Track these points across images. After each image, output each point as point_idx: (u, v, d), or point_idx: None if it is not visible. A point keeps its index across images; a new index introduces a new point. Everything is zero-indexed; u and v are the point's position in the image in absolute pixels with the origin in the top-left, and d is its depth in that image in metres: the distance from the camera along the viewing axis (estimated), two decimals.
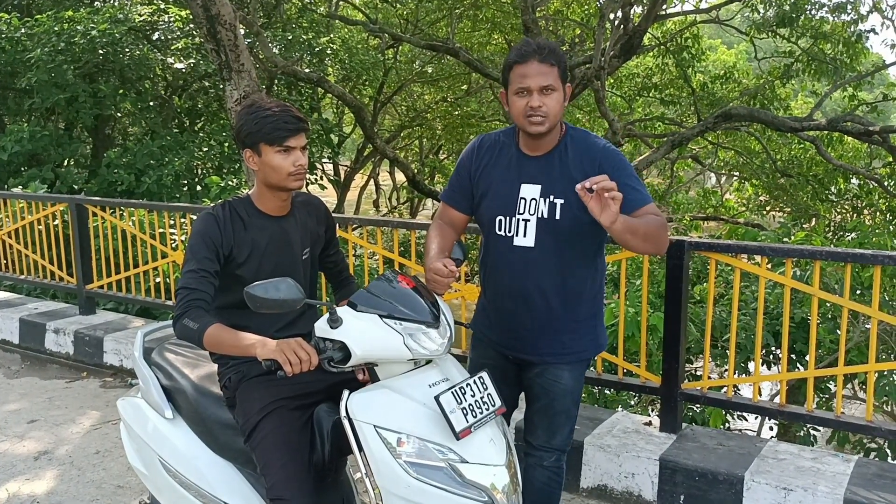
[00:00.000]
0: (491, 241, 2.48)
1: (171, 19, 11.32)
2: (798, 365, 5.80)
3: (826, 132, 11.56)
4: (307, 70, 12.10)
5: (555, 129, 2.36)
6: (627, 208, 2.21)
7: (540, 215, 2.35)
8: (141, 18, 10.99)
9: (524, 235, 2.37)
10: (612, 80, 14.08)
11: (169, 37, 12.04)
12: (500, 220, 2.41)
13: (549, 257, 2.37)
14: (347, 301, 2.06)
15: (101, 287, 5.74)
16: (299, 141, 2.28)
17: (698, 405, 5.25)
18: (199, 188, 10.89)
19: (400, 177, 21.22)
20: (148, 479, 2.63)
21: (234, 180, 9.82)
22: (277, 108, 2.26)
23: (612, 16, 10.92)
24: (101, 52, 10.25)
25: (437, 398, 1.95)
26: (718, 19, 13.10)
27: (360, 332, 2.00)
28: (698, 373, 6.37)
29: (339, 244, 2.75)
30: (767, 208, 15.21)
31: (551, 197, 2.34)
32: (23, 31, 10.13)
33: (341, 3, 14.84)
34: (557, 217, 2.34)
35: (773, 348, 6.03)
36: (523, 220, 2.37)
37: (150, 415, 2.59)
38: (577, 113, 16.64)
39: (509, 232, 2.40)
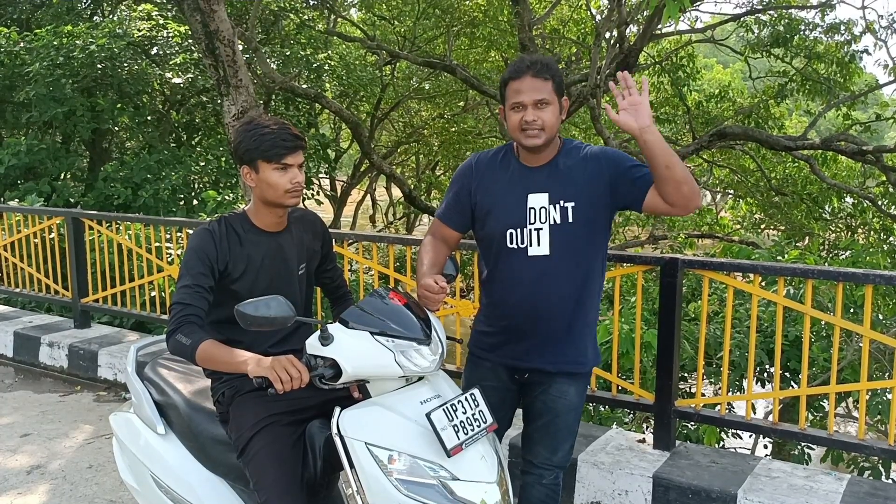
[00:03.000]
0: (502, 255, 2.46)
1: (170, 35, 11.38)
2: (792, 383, 5.81)
3: (820, 151, 11.64)
4: (305, 86, 12.16)
5: (553, 140, 2.41)
6: (645, 180, 2.29)
7: (552, 222, 2.37)
8: (140, 33, 11.05)
9: (538, 244, 2.38)
10: (607, 98, 14.15)
11: (167, 52, 12.08)
12: (512, 233, 2.41)
13: (566, 263, 2.39)
14: (339, 318, 2.07)
15: (97, 301, 5.74)
16: (297, 158, 2.29)
17: (692, 423, 5.26)
18: (195, 202, 10.89)
19: (396, 192, 21.26)
20: (140, 494, 2.62)
21: (231, 195, 9.85)
22: (275, 125, 2.28)
23: (607, 34, 11.02)
24: (99, 66, 10.29)
25: (428, 415, 1.95)
26: (713, 39, 13.22)
27: (351, 349, 2.01)
28: (692, 390, 6.38)
29: (336, 259, 2.76)
30: (762, 226, 15.26)
31: (561, 202, 2.38)
32: (22, 45, 10.17)
33: (339, 19, 14.94)
34: (570, 220, 2.37)
35: (766, 366, 6.04)
36: (535, 229, 2.38)
37: (142, 430, 2.59)
38: (574, 130, 16.71)
39: (522, 243, 2.40)
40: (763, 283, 4.74)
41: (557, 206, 2.38)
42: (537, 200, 2.39)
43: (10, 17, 11.95)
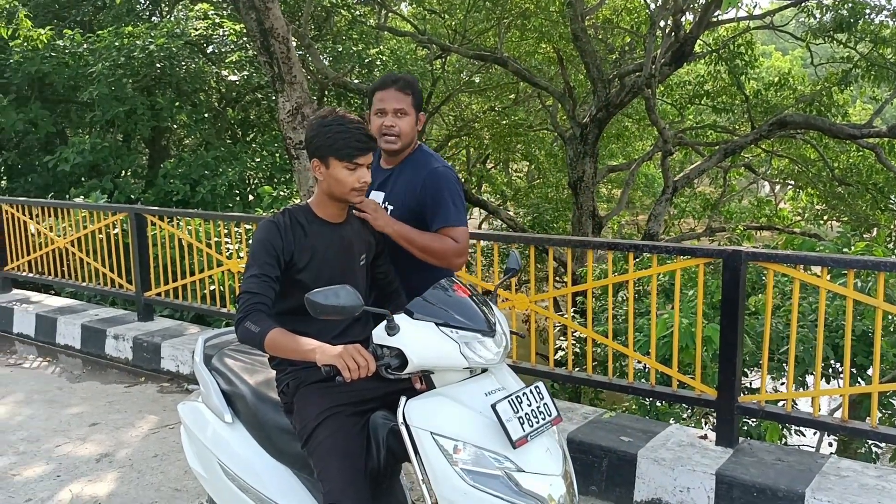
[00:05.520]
0: None
1: (226, 33, 11.59)
2: (859, 379, 5.63)
3: (887, 139, 11.24)
4: (356, 81, 12.25)
5: (406, 148, 2.76)
6: (436, 223, 2.67)
7: None
8: (197, 33, 11.28)
9: None
10: (662, 88, 13.91)
11: (223, 50, 12.32)
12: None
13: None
14: (404, 308, 2.09)
15: (158, 294, 5.88)
16: (367, 159, 2.34)
17: (754, 419, 5.14)
18: (251, 198, 11.10)
19: None
20: (207, 482, 2.68)
21: (286, 190, 10.00)
22: (350, 124, 2.32)
23: (662, 23, 10.81)
24: (158, 65, 10.55)
25: (493, 406, 1.95)
26: (773, 25, 12.86)
27: (417, 339, 2.02)
28: (752, 385, 6.24)
29: (389, 256, 2.77)
30: (824, 218, 14.82)
31: (387, 203, 2.76)
32: (85, 46, 10.48)
33: (390, 14, 15.01)
34: None
35: (831, 361, 5.87)
36: None
37: (210, 419, 2.64)
38: (627, 121, 16.49)
39: None
40: (829, 277, 4.60)
41: (385, 205, 2.75)
42: (376, 198, 2.77)
43: (73, 19, 12.32)
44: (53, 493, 3.61)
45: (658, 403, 5.79)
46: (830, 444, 7.05)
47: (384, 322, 2.04)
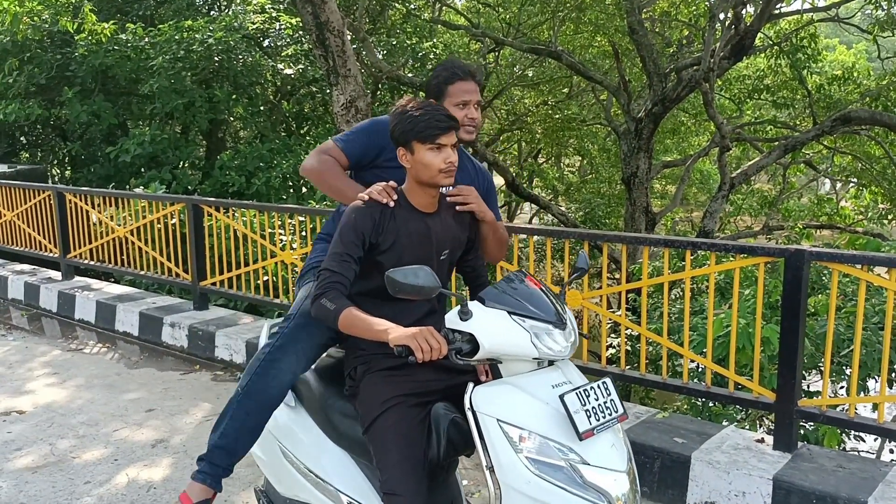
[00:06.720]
0: None
1: (282, 27, 11.76)
2: None
3: None
4: (410, 75, 12.27)
5: None
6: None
7: None
8: (254, 26, 11.45)
9: None
10: (720, 83, 13.59)
11: (279, 43, 12.49)
12: None
13: None
14: (476, 296, 2.11)
15: (214, 284, 5.98)
16: (450, 139, 2.33)
17: (812, 423, 4.99)
18: (304, 190, 11.23)
19: (499, 180, 21.19)
20: (266, 464, 2.71)
21: None
22: (429, 107, 2.34)
23: (722, 16, 10.55)
24: (216, 59, 10.74)
25: (561, 397, 1.96)
26: (837, 17, 12.43)
27: (489, 325, 2.03)
28: (810, 388, 6.06)
29: (479, 248, 2.75)
30: (889, 217, 14.31)
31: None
32: (146, 40, 10.73)
33: (444, 8, 14.99)
34: None
35: (894, 366, 5.67)
36: None
37: None
38: (683, 116, 16.17)
39: None
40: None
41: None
42: None
43: (136, 13, 12.63)
44: (111, 476, 3.71)
45: (711, 404, 5.67)
46: (892, 451, 6.82)
47: (457, 307, 2.06)
